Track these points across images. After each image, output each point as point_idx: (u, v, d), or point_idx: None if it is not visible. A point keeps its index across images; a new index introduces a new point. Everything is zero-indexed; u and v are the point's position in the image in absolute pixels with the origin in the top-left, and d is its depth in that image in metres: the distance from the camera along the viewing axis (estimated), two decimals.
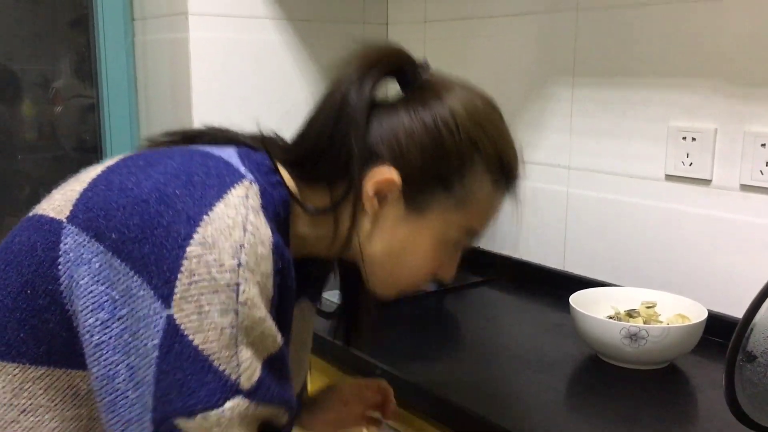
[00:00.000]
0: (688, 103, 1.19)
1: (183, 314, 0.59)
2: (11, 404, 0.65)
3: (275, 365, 0.64)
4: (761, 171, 1.09)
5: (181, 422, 0.60)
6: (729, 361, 0.78)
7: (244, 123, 0.81)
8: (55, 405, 0.66)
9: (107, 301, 0.62)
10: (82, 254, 0.63)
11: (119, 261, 0.62)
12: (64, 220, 0.66)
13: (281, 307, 0.66)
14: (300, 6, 1.61)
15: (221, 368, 0.60)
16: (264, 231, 0.64)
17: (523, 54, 1.45)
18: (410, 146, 0.72)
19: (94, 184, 0.67)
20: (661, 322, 1.09)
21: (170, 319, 0.59)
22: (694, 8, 1.16)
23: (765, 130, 1.09)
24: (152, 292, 0.60)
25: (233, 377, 0.60)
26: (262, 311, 0.62)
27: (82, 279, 0.63)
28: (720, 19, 1.13)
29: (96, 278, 0.62)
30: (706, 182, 1.17)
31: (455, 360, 1.12)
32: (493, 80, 1.51)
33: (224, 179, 0.66)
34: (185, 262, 0.60)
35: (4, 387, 0.65)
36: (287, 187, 0.72)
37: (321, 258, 0.80)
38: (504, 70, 1.49)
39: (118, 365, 0.61)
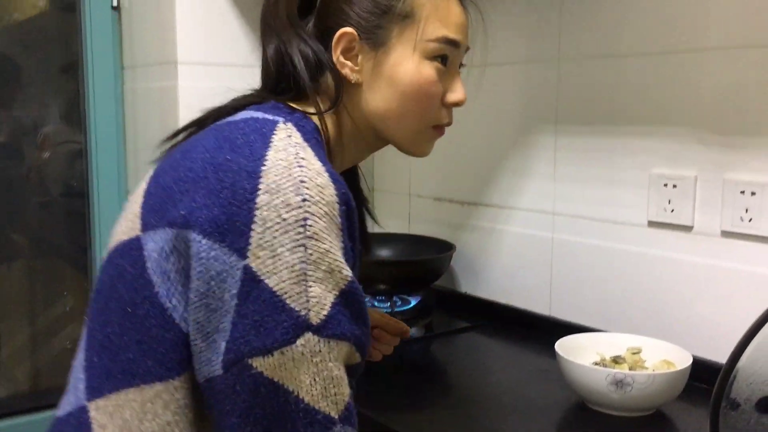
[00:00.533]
0: (669, 151, 1.21)
1: (259, 261, 0.63)
2: (140, 430, 0.67)
3: (347, 301, 0.66)
4: (741, 217, 1.11)
5: (257, 361, 0.62)
6: (713, 410, 0.79)
7: None
8: (180, 417, 0.68)
9: (168, 275, 0.66)
10: (156, 248, 0.67)
11: (187, 231, 0.65)
12: (140, 233, 0.69)
13: (351, 234, 0.69)
14: None
15: (292, 305, 0.63)
16: (315, 163, 0.67)
17: (507, 102, 1.48)
18: (340, 5, 0.79)
19: (148, 194, 0.71)
20: (646, 368, 1.09)
21: (247, 269, 0.62)
22: (673, 59, 1.19)
23: (744, 178, 1.11)
24: (226, 248, 0.63)
25: (303, 313, 0.63)
26: (327, 244, 0.64)
27: (155, 266, 0.67)
28: (699, 69, 1.16)
29: (163, 259, 0.66)
30: (688, 228, 1.19)
31: (442, 407, 1.12)
32: (478, 128, 1.54)
33: (262, 130, 0.69)
34: (257, 212, 0.63)
35: (131, 414, 0.67)
36: (309, 118, 0.77)
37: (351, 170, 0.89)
38: (489, 118, 1.52)
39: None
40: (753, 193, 1.09)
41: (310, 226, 0.63)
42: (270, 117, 0.72)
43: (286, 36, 0.79)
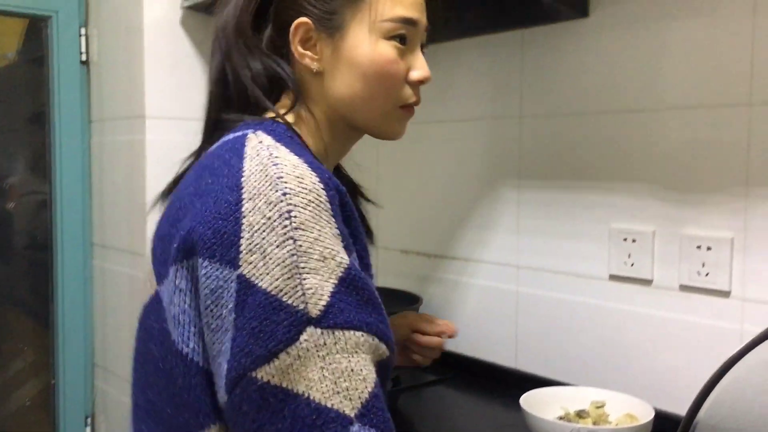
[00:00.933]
0: (628, 206, 1.24)
1: (251, 266, 0.61)
2: None
3: (349, 288, 0.63)
4: (698, 272, 1.14)
5: (261, 371, 0.59)
6: None
7: None
8: None
9: (177, 318, 0.65)
10: (167, 296, 0.67)
11: (180, 257, 0.64)
12: (157, 287, 0.69)
13: (347, 218, 0.68)
14: None
15: (289, 301, 0.60)
16: (291, 157, 0.66)
17: (471, 157, 1.51)
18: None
19: (154, 249, 0.72)
20: (610, 422, 1.10)
21: (240, 278, 0.61)
22: (631, 118, 1.23)
23: (700, 233, 1.14)
24: (217, 263, 0.62)
25: (301, 307, 0.60)
26: (315, 232, 0.63)
27: (168, 315, 0.67)
28: (656, 128, 1.20)
29: (169, 304, 0.66)
30: (648, 282, 1.21)
31: None
32: (442, 182, 1.56)
33: (234, 147, 0.70)
34: (244, 220, 0.62)
35: None
36: (278, 121, 0.76)
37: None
38: (453, 173, 1.55)
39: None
40: (709, 248, 1.12)
41: (295, 217, 0.62)
42: (239, 133, 0.73)
43: (235, 52, 0.78)
